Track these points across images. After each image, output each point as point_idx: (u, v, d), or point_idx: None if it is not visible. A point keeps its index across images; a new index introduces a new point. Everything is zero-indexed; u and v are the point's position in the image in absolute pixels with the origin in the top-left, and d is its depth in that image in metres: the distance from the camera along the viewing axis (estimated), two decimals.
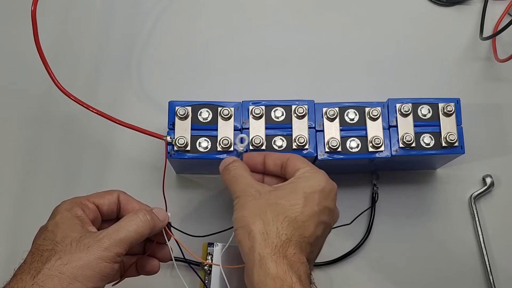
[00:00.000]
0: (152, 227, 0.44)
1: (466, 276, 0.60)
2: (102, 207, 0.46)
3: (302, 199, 0.43)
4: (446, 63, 0.68)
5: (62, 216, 0.43)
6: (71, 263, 0.39)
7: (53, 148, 0.63)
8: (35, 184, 0.61)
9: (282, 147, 0.52)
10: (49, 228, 0.42)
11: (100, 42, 0.67)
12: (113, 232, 0.42)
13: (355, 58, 0.67)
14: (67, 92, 0.51)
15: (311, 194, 0.44)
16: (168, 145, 0.52)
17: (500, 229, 0.61)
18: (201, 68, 0.66)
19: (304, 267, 0.41)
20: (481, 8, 0.69)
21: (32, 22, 0.50)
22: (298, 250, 0.41)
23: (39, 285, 0.38)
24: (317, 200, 0.44)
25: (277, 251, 0.40)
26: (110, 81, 0.65)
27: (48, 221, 0.44)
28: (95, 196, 0.46)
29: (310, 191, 0.44)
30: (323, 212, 0.44)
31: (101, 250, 0.40)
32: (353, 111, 0.54)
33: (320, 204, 0.44)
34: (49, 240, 0.41)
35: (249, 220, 0.42)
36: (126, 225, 0.43)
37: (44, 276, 0.39)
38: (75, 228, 0.42)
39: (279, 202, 0.43)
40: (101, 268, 0.40)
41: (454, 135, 0.53)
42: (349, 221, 0.59)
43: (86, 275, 0.39)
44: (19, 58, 0.66)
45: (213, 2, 0.69)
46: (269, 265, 0.40)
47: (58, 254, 0.40)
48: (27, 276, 0.39)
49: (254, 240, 0.41)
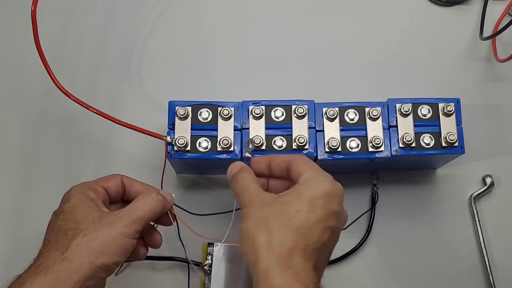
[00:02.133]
0: (163, 207, 0.47)
1: (466, 276, 0.60)
2: (110, 190, 0.48)
3: (307, 205, 0.42)
4: (446, 63, 0.68)
5: (77, 198, 0.45)
6: (97, 239, 0.42)
7: (53, 148, 0.63)
8: (35, 184, 0.61)
9: (282, 147, 0.52)
10: (66, 210, 0.45)
11: (100, 42, 0.67)
12: (131, 211, 0.45)
13: (355, 58, 0.67)
14: (67, 92, 0.51)
15: (315, 199, 0.43)
16: (168, 145, 0.52)
17: (500, 229, 0.61)
18: (201, 68, 0.66)
19: (311, 275, 0.40)
20: (481, 8, 0.69)
21: (32, 22, 0.50)
22: (304, 259, 0.41)
23: (68, 259, 0.41)
24: (322, 205, 0.43)
25: (281, 262, 0.40)
26: (110, 81, 0.65)
27: (63, 204, 0.46)
28: (102, 180, 0.48)
29: (314, 196, 0.43)
30: (329, 217, 0.43)
31: (122, 227, 0.43)
32: (353, 111, 0.54)
33: (326, 209, 0.43)
34: (70, 220, 0.44)
35: (253, 231, 0.42)
36: (141, 205, 0.45)
37: (73, 251, 0.41)
38: (93, 208, 0.45)
39: (283, 209, 0.42)
40: (123, 243, 0.43)
41: (454, 135, 0.53)
42: (349, 222, 0.59)
43: (111, 249, 0.43)
44: (19, 58, 0.66)
45: (213, 2, 0.69)
46: (274, 277, 0.39)
47: (84, 231, 0.42)
48: (55, 252, 0.42)
49: (258, 251, 0.41)
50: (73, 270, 0.41)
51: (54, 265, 0.41)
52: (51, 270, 0.41)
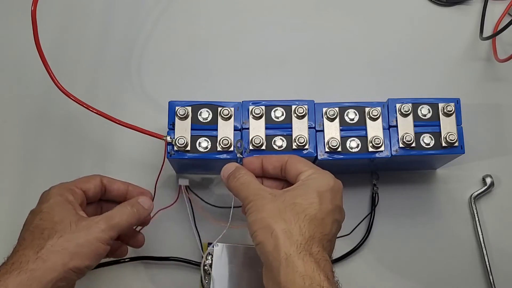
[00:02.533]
0: (138, 218, 0.48)
1: (466, 276, 0.60)
2: (88, 192, 0.49)
3: (317, 197, 0.44)
4: (446, 63, 0.68)
5: (56, 200, 0.46)
6: (72, 241, 0.43)
7: (53, 148, 0.63)
8: (35, 184, 0.61)
9: (282, 147, 0.52)
10: (44, 210, 0.45)
11: (100, 42, 0.67)
12: (108, 218, 0.46)
13: (355, 58, 0.67)
14: (67, 92, 0.51)
15: (323, 193, 0.44)
16: (168, 145, 0.52)
17: (500, 229, 0.61)
18: (201, 68, 0.66)
19: (329, 265, 0.41)
20: (481, 8, 0.69)
21: (32, 22, 0.50)
22: (322, 248, 0.42)
23: (42, 259, 0.42)
24: (330, 198, 0.44)
25: (302, 249, 0.40)
26: (110, 81, 0.65)
27: (41, 204, 0.46)
28: (81, 181, 0.49)
29: (322, 190, 0.44)
30: (336, 210, 0.45)
31: (98, 232, 0.44)
32: (353, 111, 0.54)
33: (333, 202, 0.44)
34: (47, 221, 0.44)
35: (269, 220, 0.42)
36: (118, 214, 0.47)
37: (48, 251, 0.42)
38: (70, 212, 0.45)
39: (296, 201, 0.43)
40: (97, 248, 0.44)
41: (454, 135, 0.53)
42: (349, 222, 0.59)
43: (84, 252, 0.43)
44: (19, 58, 0.66)
45: (213, 2, 0.69)
46: (296, 263, 0.40)
47: (60, 232, 0.43)
48: (29, 251, 0.42)
49: (277, 239, 0.41)
50: (46, 270, 0.41)
51: (28, 264, 0.41)
52: (24, 269, 0.41)
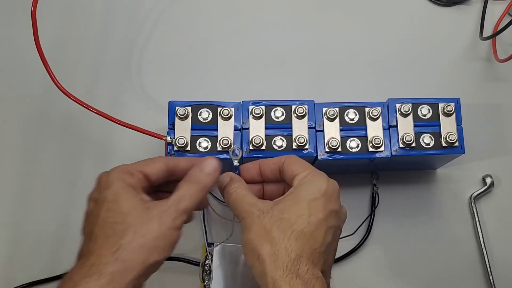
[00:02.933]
0: (206, 191, 0.44)
1: (466, 276, 0.60)
2: (151, 177, 0.45)
3: (306, 209, 0.42)
4: (446, 63, 0.68)
5: (118, 186, 0.43)
6: (148, 235, 0.40)
7: (53, 148, 0.63)
8: (35, 184, 0.61)
9: (282, 147, 0.52)
10: (109, 199, 0.42)
11: (100, 42, 0.67)
12: (177, 203, 0.42)
13: (355, 58, 0.67)
14: (67, 92, 0.51)
15: (314, 201, 0.42)
16: (168, 145, 0.52)
17: (500, 229, 0.61)
18: (201, 68, 0.66)
19: (320, 282, 0.40)
20: (481, 8, 0.69)
21: (32, 22, 0.50)
22: (311, 265, 0.40)
23: (121, 259, 0.39)
24: (321, 205, 0.42)
25: (289, 272, 0.39)
26: (110, 81, 0.65)
27: (103, 190, 0.43)
28: (142, 164, 0.45)
29: (312, 198, 0.42)
30: (330, 216, 0.43)
31: (170, 221, 0.41)
32: (353, 111, 0.54)
33: (325, 209, 0.42)
34: (115, 212, 0.41)
35: (256, 242, 0.41)
36: (185, 195, 0.43)
37: (125, 251, 0.40)
38: (136, 198, 0.42)
39: (283, 217, 0.41)
40: (173, 237, 0.42)
41: (454, 135, 0.53)
42: (349, 222, 0.58)
43: (162, 246, 0.41)
44: (19, 57, 0.66)
45: (213, 2, 0.69)
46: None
47: (133, 227, 0.40)
48: (106, 251, 0.40)
49: (264, 263, 0.40)
50: (126, 270, 0.40)
51: (106, 266, 0.39)
52: (104, 272, 0.39)
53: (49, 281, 0.57)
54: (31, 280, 0.57)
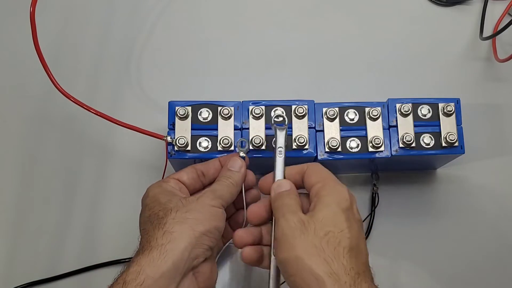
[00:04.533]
0: (237, 185, 0.47)
1: (467, 276, 0.60)
2: (183, 178, 0.48)
3: (345, 221, 0.40)
4: (446, 63, 0.68)
5: (155, 191, 0.46)
6: (190, 211, 0.43)
7: (53, 148, 0.63)
8: (35, 184, 0.61)
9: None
10: (148, 203, 0.45)
11: (100, 43, 0.67)
12: (212, 191, 0.46)
13: (355, 58, 0.67)
14: (67, 93, 0.51)
15: (347, 210, 0.41)
16: (169, 145, 0.52)
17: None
18: (201, 68, 0.66)
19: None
20: (481, 8, 0.69)
21: (31, 24, 0.50)
22: (370, 281, 0.39)
23: (169, 231, 0.41)
24: (353, 216, 0.42)
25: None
26: (110, 82, 0.65)
27: (143, 200, 0.47)
28: (174, 174, 0.49)
29: (345, 207, 0.41)
30: (361, 226, 0.42)
31: (208, 200, 0.44)
32: (353, 111, 0.54)
33: (357, 219, 0.42)
34: (156, 205, 0.44)
35: (308, 262, 0.38)
36: (219, 187, 0.46)
37: (172, 223, 0.42)
38: (174, 193, 0.46)
39: (328, 230, 0.40)
40: (215, 212, 0.44)
41: (454, 135, 0.53)
42: None
43: (205, 216, 0.43)
44: (19, 57, 0.66)
45: (213, 2, 0.69)
46: None
47: (174, 208, 0.43)
48: (154, 231, 0.42)
49: (324, 285, 0.37)
50: (176, 240, 0.41)
51: (157, 240, 0.41)
52: (154, 245, 0.41)
53: (49, 281, 0.57)
54: (31, 280, 0.57)
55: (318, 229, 0.40)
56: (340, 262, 0.38)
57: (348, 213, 0.41)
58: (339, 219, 0.41)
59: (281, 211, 0.42)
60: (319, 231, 0.40)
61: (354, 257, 0.39)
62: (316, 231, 0.40)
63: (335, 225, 0.40)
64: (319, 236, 0.39)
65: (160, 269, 0.39)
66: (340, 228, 0.40)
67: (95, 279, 0.58)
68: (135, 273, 0.39)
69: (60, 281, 0.57)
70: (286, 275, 0.40)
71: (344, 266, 0.38)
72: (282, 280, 0.43)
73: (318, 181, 0.44)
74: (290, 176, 0.46)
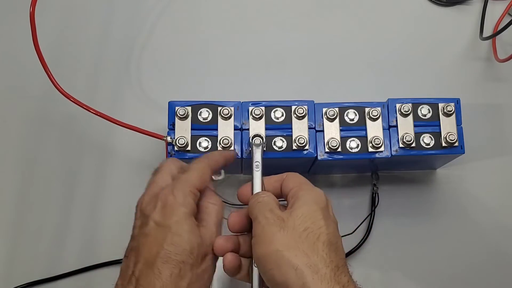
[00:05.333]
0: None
1: (466, 276, 0.60)
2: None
3: (322, 218, 0.41)
4: (446, 63, 0.68)
5: (182, 215, 0.42)
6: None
7: (53, 148, 0.63)
8: (35, 184, 0.61)
9: (282, 148, 0.52)
10: (173, 229, 0.42)
11: (100, 43, 0.67)
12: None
13: (355, 58, 0.67)
14: (66, 94, 0.51)
15: (324, 209, 0.42)
16: (169, 145, 0.52)
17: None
18: (201, 68, 0.66)
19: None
20: (481, 8, 0.69)
21: (31, 25, 0.50)
22: (348, 275, 0.39)
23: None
24: (330, 214, 0.42)
25: (335, 283, 0.37)
26: (110, 82, 0.65)
27: (168, 217, 0.42)
28: (204, 179, 0.46)
29: (322, 206, 0.42)
30: (337, 227, 0.43)
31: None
32: (353, 111, 0.54)
33: (333, 218, 0.43)
34: (177, 247, 0.41)
35: (287, 254, 0.38)
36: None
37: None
38: (193, 230, 0.43)
39: (307, 226, 0.40)
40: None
41: (454, 135, 0.53)
42: (349, 222, 0.59)
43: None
44: (19, 58, 0.66)
45: (213, 2, 0.69)
46: None
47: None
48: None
49: (303, 276, 0.37)
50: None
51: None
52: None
53: (49, 281, 0.57)
54: (31, 280, 0.57)
55: (297, 225, 0.40)
56: (319, 255, 0.39)
57: (325, 212, 0.42)
58: (317, 217, 0.41)
59: (260, 211, 0.42)
60: (298, 226, 0.40)
61: (333, 251, 0.40)
62: (295, 226, 0.40)
63: (314, 222, 0.41)
64: (298, 231, 0.40)
65: None
66: (319, 225, 0.41)
67: (95, 279, 0.58)
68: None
69: (60, 281, 0.57)
70: (264, 270, 0.40)
71: (324, 258, 0.39)
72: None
73: (295, 185, 0.44)
74: (269, 184, 0.46)
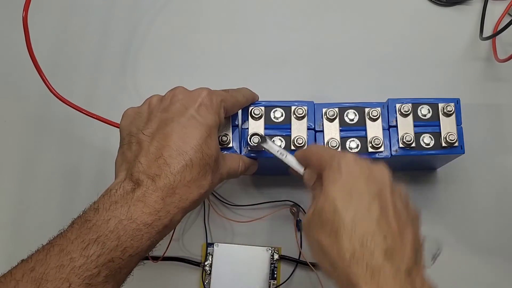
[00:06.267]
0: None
1: (466, 276, 0.60)
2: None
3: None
4: (446, 63, 0.68)
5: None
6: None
7: (53, 150, 0.63)
8: (34, 185, 0.61)
9: (281, 148, 0.52)
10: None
11: (98, 44, 0.67)
12: None
13: (355, 58, 0.67)
14: (63, 98, 0.51)
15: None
16: None
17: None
18: (200, 68, 0.66)
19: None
20: (481, 8, 0.69)
21: (24, 29, 0.49)
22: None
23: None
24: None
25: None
26: (108, 83, 0.66)
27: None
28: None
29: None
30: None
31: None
32: (352, 111, 0.54)
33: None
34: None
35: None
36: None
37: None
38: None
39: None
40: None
41: (454, 135, 0.53)
42: None
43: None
44: (19, 58, 0.65)
45: (213, 2, 0.69)
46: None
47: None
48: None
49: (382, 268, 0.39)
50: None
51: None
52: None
53: None
54: None
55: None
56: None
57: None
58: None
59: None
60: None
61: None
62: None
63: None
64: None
65: None
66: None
67: None
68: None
69: None
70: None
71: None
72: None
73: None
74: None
